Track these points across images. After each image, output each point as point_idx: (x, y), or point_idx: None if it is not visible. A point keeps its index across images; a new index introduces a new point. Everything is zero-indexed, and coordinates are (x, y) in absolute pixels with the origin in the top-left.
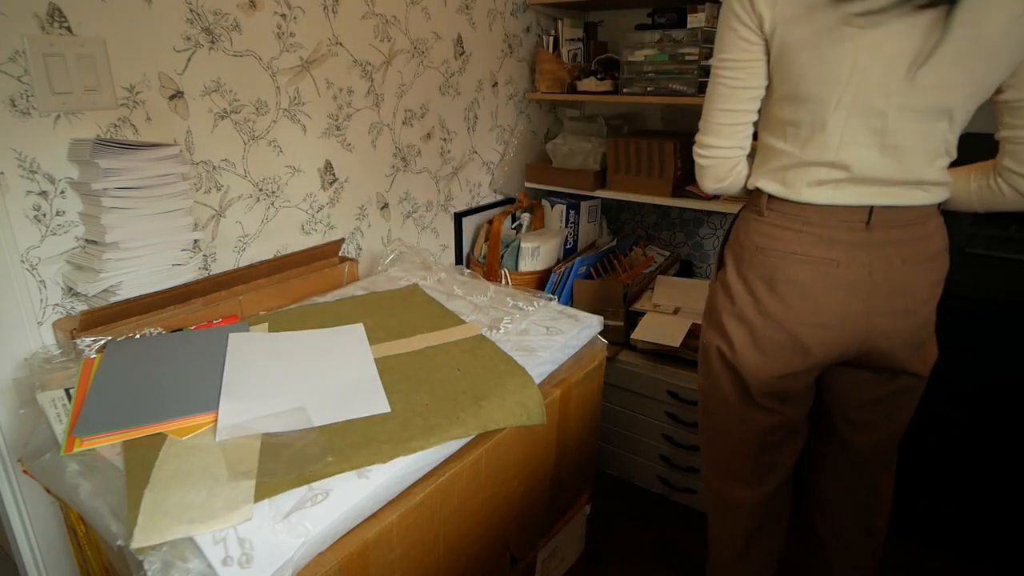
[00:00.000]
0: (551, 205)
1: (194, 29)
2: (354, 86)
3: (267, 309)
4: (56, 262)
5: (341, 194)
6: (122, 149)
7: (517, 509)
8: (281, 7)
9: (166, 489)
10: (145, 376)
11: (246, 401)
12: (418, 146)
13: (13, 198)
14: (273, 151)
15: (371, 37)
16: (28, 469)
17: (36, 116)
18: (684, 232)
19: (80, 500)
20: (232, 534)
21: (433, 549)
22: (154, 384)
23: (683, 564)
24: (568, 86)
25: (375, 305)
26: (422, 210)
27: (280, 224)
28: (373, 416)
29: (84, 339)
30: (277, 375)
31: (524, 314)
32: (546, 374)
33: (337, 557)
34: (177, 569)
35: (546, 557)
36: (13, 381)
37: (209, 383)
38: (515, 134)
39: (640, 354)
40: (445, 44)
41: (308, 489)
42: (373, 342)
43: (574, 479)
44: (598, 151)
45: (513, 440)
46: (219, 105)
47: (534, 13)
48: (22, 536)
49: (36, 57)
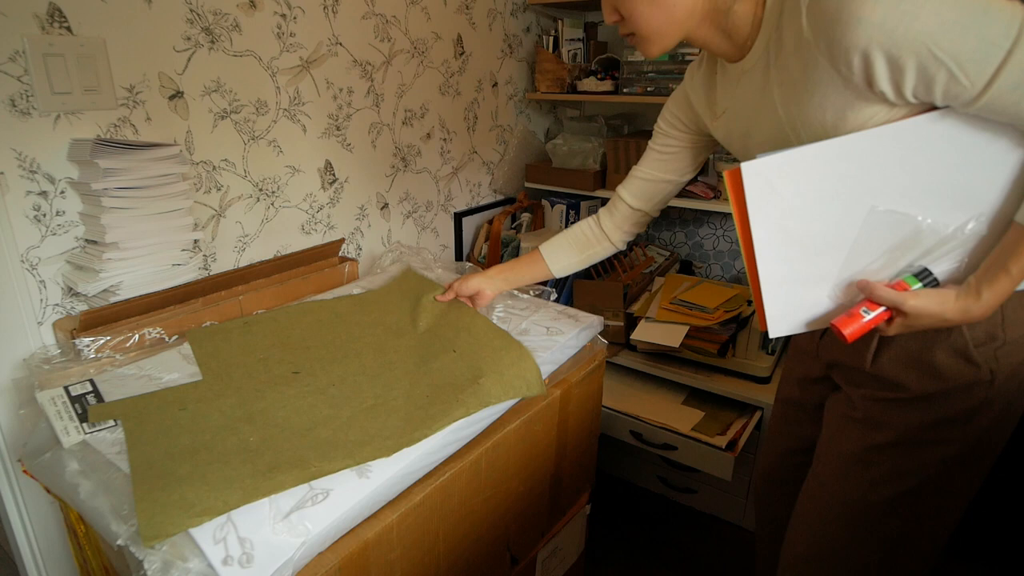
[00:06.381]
0: (551, 205)
1: (194, 29)
2: (354, 86)
3: (267, 309)
4: (56, 262)
5: (341, 194)
6: (122, 149)
7: (517, 509)
8: (281, 7)
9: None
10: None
11: None
12: (418, 146)
13: (13, 198)
14: (273, 151)
15: (371, 37)
16: (28, 469)
17: (36, 116)
18: (684, 232)
19: (80, 500)
20: (232, 534)
21: (433, 549)
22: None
23: (683, 564)
24: (568, 86)
25: (373, 303)
26: (422, 210)
27: (280, 224)
28: (376, 414)
29: (84, 339)
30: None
31: (524, 306)
32: (546, 374)
33: (337, 557)
34: (177, 569)
35: (546, 557)
36: (13, 381)
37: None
38: (515, 134)
39: (640, 354)
40: (445, 44)
41: (308, 489)
42: (370, 340)
43: (574, 479)
44: (598, 151)
45: (513, 440)
46: (219, 105)
47: (534, 13)
48: (22, 536)
49: (36, 57)
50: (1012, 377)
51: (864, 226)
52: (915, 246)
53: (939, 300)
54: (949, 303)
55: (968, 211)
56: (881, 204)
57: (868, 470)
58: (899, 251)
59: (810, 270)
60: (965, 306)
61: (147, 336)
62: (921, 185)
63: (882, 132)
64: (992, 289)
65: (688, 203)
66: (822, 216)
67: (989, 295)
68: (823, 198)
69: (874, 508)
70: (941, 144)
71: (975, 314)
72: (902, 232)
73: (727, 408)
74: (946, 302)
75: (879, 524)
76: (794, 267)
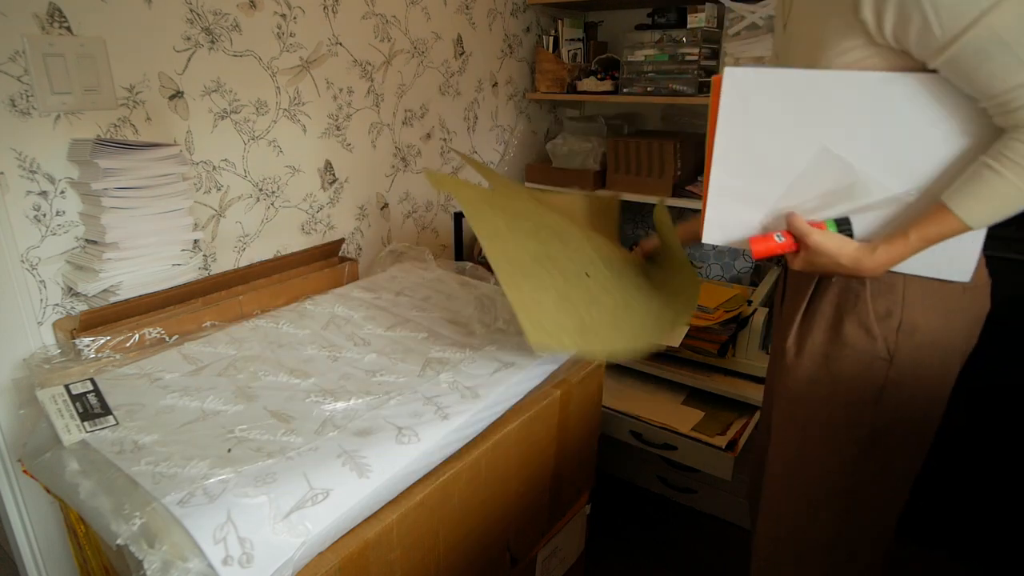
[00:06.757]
0: None
1: (194, 29)
2: (354, 86)
3: (267, 309)
4: (56, 262)
5: (341, 194)
6: (122, 149)
7: (517, 509)
8: (281, 7)
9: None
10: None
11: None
12: (418, 146)
13: (13, 198)
14: (273, 151)
15: (371, 37)
16: (28, 469)
17: (36, 116)
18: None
19: (80, 500)
20: (232, 533)
21: (433, 549)
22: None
23: (683, 564)
24: (568, 86)
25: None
26: (422, 210)
27: (280, 224)
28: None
29: (84, 339)
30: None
31: None
32: (546, 374)
33: (337, 557)
34: (177, 568)
35: (546, 557)
36: (13, 381)
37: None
38: (515, 134)
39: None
40: (445, 44)
41: (308, 489)
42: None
43: (574, 479)
44: (598, 151)
45: (513, 440)
46: (219, 105)
47: (534, 13)
48: (22, 536)
49: (36, 57)
50: (916, 365)
51: (811, 163)
52: (848, 198)
53: (838, 244)
54: (845, 249)
55: (905, 182)
56: (833, 147)
57: (802, 448)
58: (834, 197)
59: (754, 190)
60: (859, 256)
61: (147, 336)
62: (871, 142)
63: (853, 77)
64: (887, 248)
65: (688, 203)
66: (779, 141)
67: (882, 253)
68: (785, 124)
69: (810, 487)
70: (901, 109)
71: (865, 266)
72: (842, 180)
73: (727, 408)
74: (843, 247)
75: (823, 504)
76: (742, 183)
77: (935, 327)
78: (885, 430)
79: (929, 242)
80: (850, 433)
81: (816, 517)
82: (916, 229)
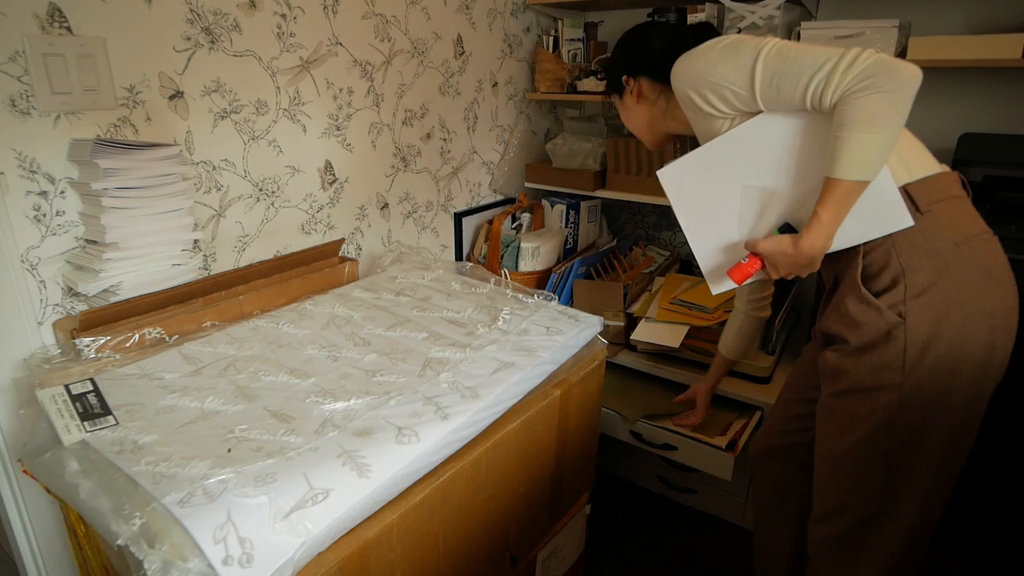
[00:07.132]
0: (551, 205)
1: (194, 29)
2: (354, 86)
3: (267, 309)
4: (56, 262)
5: (341, 194)
6: (122, 149)
7: (517, 509)
8: (281, 7)
9: None
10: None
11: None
12: (418, 146)
13: (13, 198)
14: (273, 151)
15: (371, 37)
16: (28, 469)
17: (36, 116)
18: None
19: (80, 500)
20: (232, 534)
21: (433, 549)
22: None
23: (683, 564)
24: (568, 86)
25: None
26: (422, 210)
27: (280, 224)
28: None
29: (84, 339)
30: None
31: (524, 307)
32: (546, 374)
33: (337, 557)
34: (177, 568)
35: (546, 557)
36: (13, 381)
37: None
38: (515, 134)
39: (640, 354)
40: (445, 44)
41: (308, 489)
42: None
43: (574, 479)
44: (598, 151)
45: (513, 440)
46: (219, 105)
47: (534, 13)
48: (22, 536)
49: (36, 57)
50: (935, 323)
51: (740, 199)
52: (774, 208)
53: (778, 241)
54: (784, 242)
55: (800, 182)
56: (746, 181)
57: (834, 419)
58: (767, 213)
59: (721, 238)
60: (794, 242)
61: (147, 336)
62: (767, 165)
63: (732, 133)
64: (810, 230)
65: None
66: (715, 196)
67: (808, 234)
68: (712, 184)
69: (845, 457)
70: (770, 136)
71: (804, 247)
72: (762, 199)
73: (727, 408)
74: (783, 242)
75: (853, 474)
76: (711, 238)
77: (941, 286)
78: (916, 389)
79: (837, 209)
80: (880, 398)
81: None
82: (821, 206)
